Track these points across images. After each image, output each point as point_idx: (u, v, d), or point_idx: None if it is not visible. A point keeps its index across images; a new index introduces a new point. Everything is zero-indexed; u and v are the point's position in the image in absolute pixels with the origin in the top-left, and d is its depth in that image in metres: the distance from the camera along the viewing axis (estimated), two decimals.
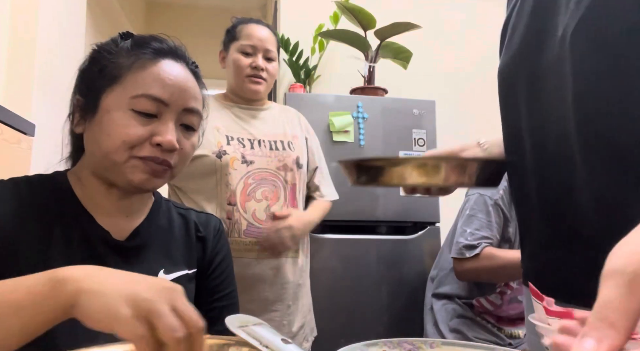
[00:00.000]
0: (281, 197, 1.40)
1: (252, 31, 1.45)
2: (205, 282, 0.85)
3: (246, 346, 0.53)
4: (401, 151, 1.99)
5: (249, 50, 1.43)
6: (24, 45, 1.59)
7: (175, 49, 0.76)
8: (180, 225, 0.84)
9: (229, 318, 0.57)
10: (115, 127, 0.69)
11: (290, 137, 1.48)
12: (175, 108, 0.72)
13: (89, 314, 0.44)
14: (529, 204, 0.71)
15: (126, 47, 0.73)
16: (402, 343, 0.62)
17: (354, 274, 1.88)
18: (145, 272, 0.74)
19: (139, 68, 0.71)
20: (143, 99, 0.69)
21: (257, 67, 1.42)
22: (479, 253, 1.40)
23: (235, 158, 1.36)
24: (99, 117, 0.70)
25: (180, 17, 4.42)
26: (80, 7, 2.06)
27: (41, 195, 0.71)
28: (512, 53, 0.72)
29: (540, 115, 0.66)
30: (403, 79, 2.39)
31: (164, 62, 0.72)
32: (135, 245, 0.76)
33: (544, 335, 0.66)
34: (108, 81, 0.71)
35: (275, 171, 1.40)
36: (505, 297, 1.46)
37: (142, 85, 0.70)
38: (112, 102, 0.70)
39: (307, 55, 2.42)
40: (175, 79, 0.72)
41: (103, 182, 0.74)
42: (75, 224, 0.71)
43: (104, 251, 0.72)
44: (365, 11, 2.05)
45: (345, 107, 1.98)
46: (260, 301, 1.35)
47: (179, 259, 0.80)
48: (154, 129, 0.70)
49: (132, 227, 0.77)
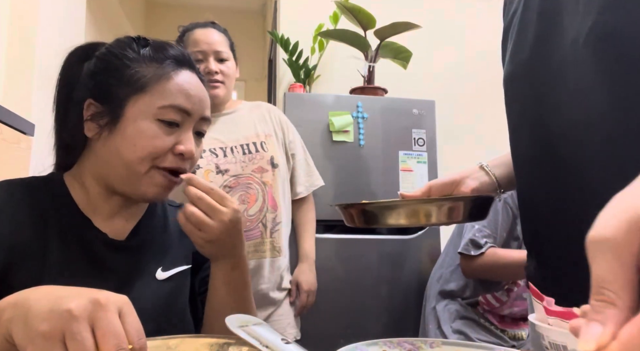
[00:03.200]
0: (259, 198, 1.42)
1: (198, 37, 1.44)
2: (198, 274, 0.85)
3: (246, 346, 0.53)
4: (401, 150, 1.99)
5: (199, 56, 1.42)
6: (24, 45, 1.59)
7: (190, 59, 0.78)
8: (175, 222, 0.84)
9: (229, 318, 0.57)
10: (142, 137, 0.69)
11: (262, 137, 1.47)
12: (195, 117, 0.74)
13: (16, 342, 0.40)
14: (538, 212, 0.70)
15: (148, 54, 0.73)
16: (402, 343, 0.62)
17: (354, 274, 1.88)
18: (143, 271, 0.76)
19: (164, 78, 0.72)
20: (170, 109, 0.71)
21: (210, 72, 1.41)
22: (484, 252, 1.40)
23: (209, 170, 1.38)
24: (123, 126, 0.70)
25: (180, 17, 4.40)
26: (80, 7, 2.06)
27: (37, 197, 0.71)
28: (520, 60, 0.71)
29: (551, 123, 0.65)
30: (403, 79, 2.38)
31: (184, 73, 0.74)
32: (133, 245, 0.76)
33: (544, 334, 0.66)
34: (134, 90, 0.71)
35: (250, 174, 1.42)
36: (512, 294, 1.46)
37: (169, 95, 0.71)
38: (138, 112, 0.70)
39: (306, 55, 2.42)
40: (196, 89, 0.74)
41: (105, 188, 0.74)
42: (72, 227, 0.71)
43: (102, 252, 0.72)
44: (365, 11, 2.05)
45: (345, 107, 1.98)
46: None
47: (175, 256, 0.81)
48: (176, 139, 0.72)
49: (129, 228, 0.77)
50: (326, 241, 1.88)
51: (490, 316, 1.50)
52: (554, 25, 0.64)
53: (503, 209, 1.45)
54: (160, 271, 0.77)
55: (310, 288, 1.55)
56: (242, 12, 4.49)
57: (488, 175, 0.80)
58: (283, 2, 2.66)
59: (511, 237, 1.47)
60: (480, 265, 1.42)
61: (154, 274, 0.76)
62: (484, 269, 1.42)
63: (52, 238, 0.69)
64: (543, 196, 0.68)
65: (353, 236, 1.93)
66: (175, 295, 0.78)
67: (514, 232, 1.47)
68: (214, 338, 0.56)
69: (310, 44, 2.45)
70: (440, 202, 0.73)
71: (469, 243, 1.44)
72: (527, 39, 0.70)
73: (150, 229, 0.80)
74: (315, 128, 1.92)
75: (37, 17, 1.62)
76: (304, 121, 1.88)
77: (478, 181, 0.80)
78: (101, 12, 3.14)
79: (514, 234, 1.47)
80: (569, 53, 0.60)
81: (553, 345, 0.62)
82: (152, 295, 0.75)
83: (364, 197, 1.96)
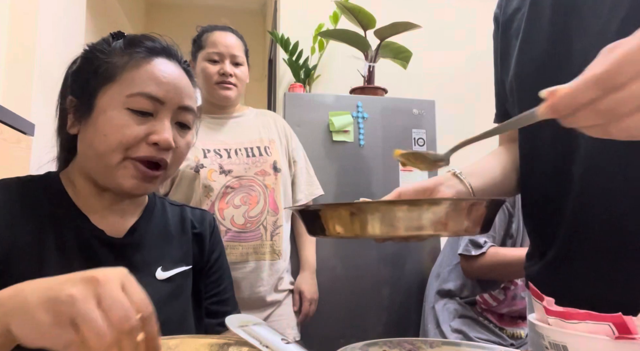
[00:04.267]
0: (260, 201, 1.43)
1: (217, 38, 1.47)
2: (202, 278, 0.85)
3: (246, 346, 0.53)
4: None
5: (216, 57, 1.46)
6: (24, 45, 1.59)
7: (169, 48, 0.76)
8: (176, 222, 0.84)
9: (229, 318, 0.57)
10: (111, 127, 0.68)
11: (266, 142, 1.50)
12: (170, 106, 0.71)
13: (20, 335, 0.39)
14: (553, 218, 0.69)
15: (119, 46, 0.73)
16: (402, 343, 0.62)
17: (354, 274, 1.88)
18: (142, 270, 0.75)
19: (133, 67, 0.70)
20: (139, 97, 0.69)
21: (225, 74, 1.45)
22: (485, 251, 1.41)
23: (213, 170, 1.40)
24: (95, 117, 0.70)
25: (180, 17, 4.42)
26: (80, 7, 2.06)
27: (33, 196, 0.70)
28: (532, 56, 0.70)
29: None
30: (403, 78, 2.38)
31: (157, 61, 0.72)
32: (132, 243, 0.76)
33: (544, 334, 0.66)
34: (103, 80, 0.70)
35: (253, 176, 1.44)
36: (509, 293, 1.46)
37: (138, 83, 0.69)
38: (107, 102, 0.69)
39: (306, 55, 2.42)
40: (170, 77, 0.72)
41: (95, 185, 0.73)
42: (68, 225, 0.71)
43: (99, 250, 0.72)
44: (365, 11, 2.05)
45: (345, 107, 1.98)
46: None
47: (175, 256, 0.80)
48: (150, 128, 0.69)
49: (127, 226, 0.77)
50: (326, 241, 1.88)
51: (488, 315, 1.50)
52: (572, 18, 0.64)
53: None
54: (160, 271, 0.77)
55: (312, 296, 1.57)
56: (242, 12, 4.50)
57: (463, 183, 0.73)
58: (283, 2, 2.66)
59: (507, 235, 1.48)
60: (482, 265, 1.42)
61: (154, 274, 0.76)
62: (486, 269, 1.42)
63: (49, 236, 0.68)
64: (563, 200, 0.67)
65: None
66: (176, 296, 0.78)
67: (509, 230, 1.47)
68: (214, 338, 0.56)
69: (310, 44, 2.45)
70: (456, 203, 0.54)
71: (468, 243, 1.44)
72: (540, 34, 0.69)
73: (149, 228, 0.79)
74: (315, 128, 1.92)
75: (37, 17, 1.62)
76: (304, 121, 1.88)
77: (454, 189, 0.72)
78: (101, 12, 3.13)
79: (509, 232, 1.47)
80: (594, 43, 0.58)
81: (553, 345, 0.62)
82: (153, 294, 0.74)
83: (364, 197, 1.96)
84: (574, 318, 0.59)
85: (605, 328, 0.54)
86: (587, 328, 0.57)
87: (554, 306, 0.53)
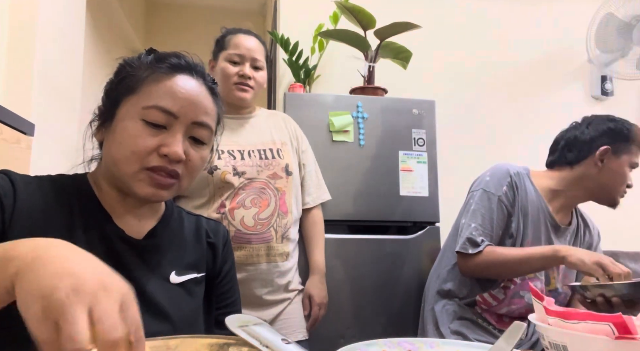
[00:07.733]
0: (271, 203, 1.45)
1: (240, 41, 1.49)
2: (213, 289, 0.88)
3: (246, 346, 0.53)
4: (401, 150, 1.99)
5: (237, 59, 1.48)
6: (24, 45, 1.59)
7: (194, 66, 0.79)
8: (191, 230, 0.87)
9: (229, 318, 0.58)
10: (126, 136, 0.72)
11: (279, 144, 1.52)
12: (184, 121, 0.74)
13: (18, 301, 0.39)
14: None
15: (147, 61, 0.77)
16: (402, 343, 0.62)
17: (353, 274, 1.88)
18: (157, 272, 0.77)
19: (153, 80, 0.74)
20: (154, 109, 0.72)
21: (244, 75, 1.47)
22: (482, 250, 1.40)
23: (226, 172, 1.41)
24: (114, 125, 0.74)
25: (180, 17, 4.41)
26: (80, 7, 2.05)
27: (64, 192, 0.74)
28: None
29: None
30: (403, 79, 2.38)
31: (179, 77, 0.75)
32: (151, 244, 0.79)
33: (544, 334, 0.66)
34: (125, 91, 0.74)
35: (265, 179, 1.45)
36: (509, 291, 1.46)
37: (155, 97, 0.73)
38: (126, 112, 0.73)
39: (306, 55, 2.42)
40: (187, 93, 0.75)
41: (118, 189, 0.77)
42: (95, 222, 0.74)
43: (122, 248, 0.75)
44: (365, 11, 2.05)
45: (345, 107, 1.98)
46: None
47: (189, 262, 0.83)
48: (162, 140, 0.72)
49: (145, 229, 0.80)
50: (326, 241, 1.87)
51: (487, 316, 1.50)
52: None
53: (498, 207, 1.45)
54: (174, 275, 0.79)
55: (322, 301, 1.58)
56: (242, 12, 4.49)
57: None
58: (283, 2, 2.66)
59: (506, 235, 1.48)
60: (478, 263, 1.42)
61: (168, 277, 0.79)
62: (482, 267, 1.42)
63: (78, 231, 0.71)
64: None
65: (353, 236, 1.93)
66: (187, 300, 0.80)
67: (508, 229, 1.47)
68: (214, 339, 0.56)
69: (310, 44, 2.45)
70: None
71: (466, 241, 1.44)
72: None
73: (166, 233, 0.82)
74: (315, 128, 1.92)
75: (37, 17, 1.62)
76: (304, 121, 1.88)
77: None
78: (101, 12, 3.13)
79: (509, 231, 1.47)
80: None
81: (553, 345, 0.62)
82: (165, 296, 0.77)
83: (364, 197, 1.97)
84: (574, 318, 0.59)
85: (605, 328, 0.54)
86: (587, 328, 0.57)
87: (554, 306, 0.53)
